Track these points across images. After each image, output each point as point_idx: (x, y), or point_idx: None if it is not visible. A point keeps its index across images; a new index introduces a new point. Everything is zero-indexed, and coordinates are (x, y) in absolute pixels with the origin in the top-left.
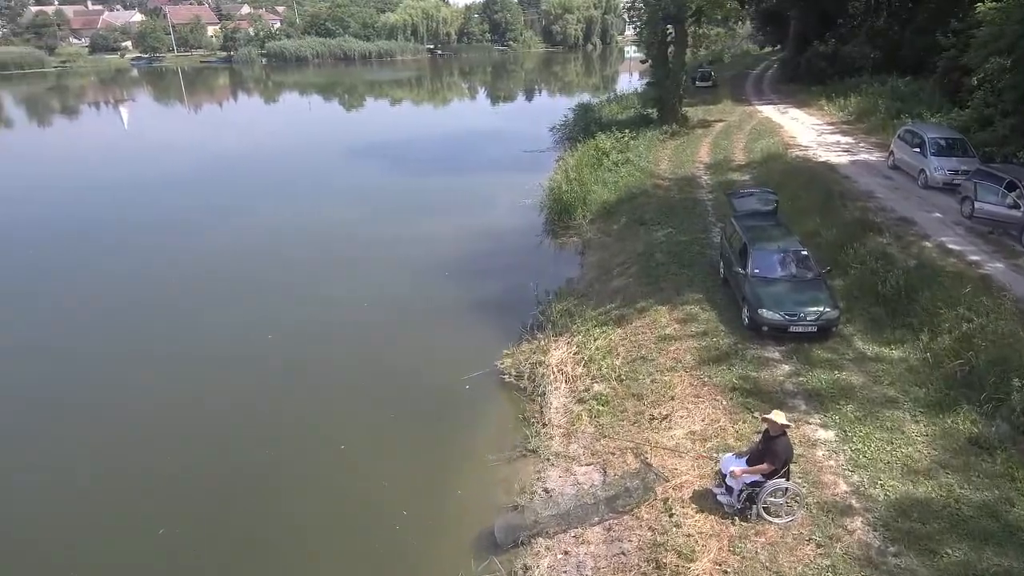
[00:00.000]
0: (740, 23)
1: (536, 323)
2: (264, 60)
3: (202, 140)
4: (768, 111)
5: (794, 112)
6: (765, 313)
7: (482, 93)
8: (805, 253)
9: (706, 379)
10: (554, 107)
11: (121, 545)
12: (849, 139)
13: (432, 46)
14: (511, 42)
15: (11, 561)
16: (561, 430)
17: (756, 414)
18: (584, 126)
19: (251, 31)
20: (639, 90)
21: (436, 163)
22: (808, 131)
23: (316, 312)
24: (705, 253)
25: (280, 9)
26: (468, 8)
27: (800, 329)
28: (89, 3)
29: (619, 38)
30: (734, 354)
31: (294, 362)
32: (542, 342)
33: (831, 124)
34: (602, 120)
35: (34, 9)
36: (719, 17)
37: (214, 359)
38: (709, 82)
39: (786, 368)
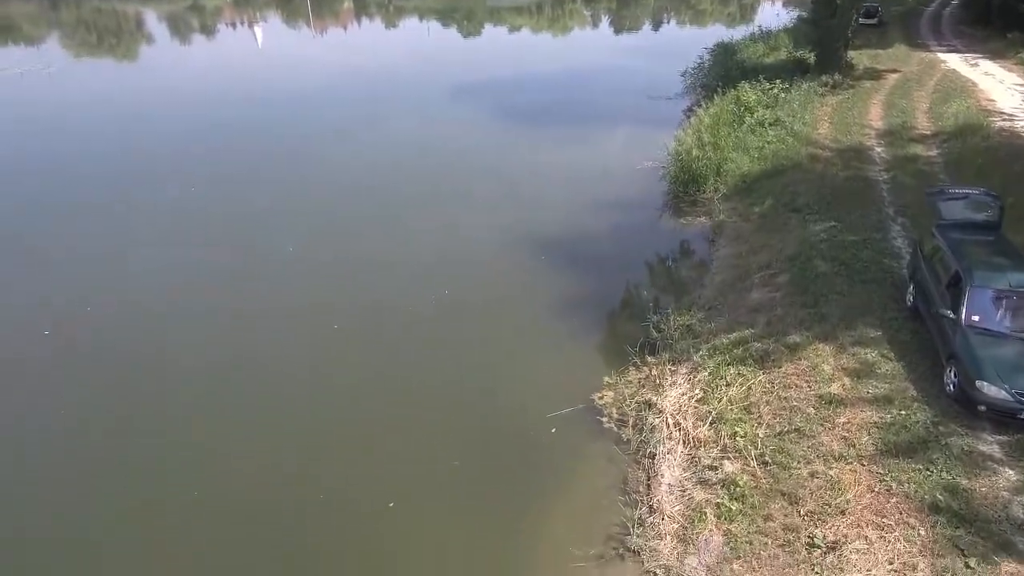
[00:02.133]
0: None
1: (648, 341)
2: None
3: (325, 62)
4: (953, 61)
5: (987, 65)
6: (985, 387)
7: (605, 22)
8: None
9: (893, 482)
10: (684, 41)
11: None
12: None
13: None
14: None
15: None
16: (675, 525)
17: (972, 565)
18: (723, 72)
19: None
20: (789, 25)
21: (548, 107)
22: (1010, 93)
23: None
24: (883, 263)
25: None
26: None
27: None
28: None
29: None
30: (933, 442)
31: (350, 368)
32: (654, 371)
33: None
34: (745, 65)
35: None
36: None
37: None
38: (874, 19)
39: (1011, 476)
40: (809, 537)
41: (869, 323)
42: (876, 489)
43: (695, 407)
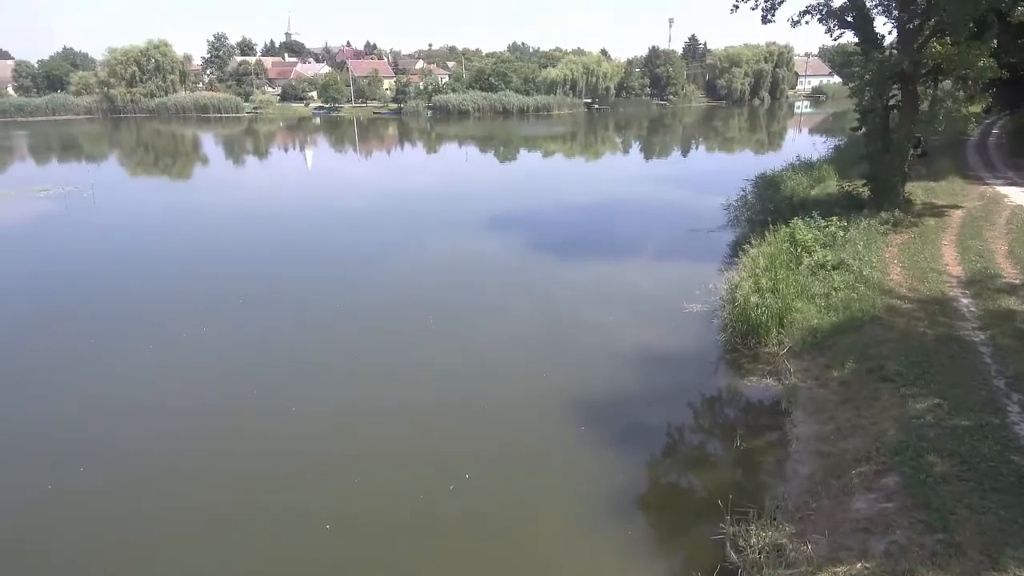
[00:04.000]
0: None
1: (727, 569)
2: (429, 112)
3: (367, 183)
4: (1017, 196)
5: None
6: None
7: (635, 147)
8: None
9: None
10: (715, 168)
11: None
12: None
13: (589, 100)
14: (671, 96)
15: None
16: None
17: None
18: (772, 207)
19: (421, 85)
20: (829, 155)
21: (583, 237)
22: None
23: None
24: (1012, 462)
25: (450, 64)
26: (630, 62)
27: None
28: (286, 56)
29: (790, 92)
30: None
31: None
32: None
33: None
34: (792, 199)
35: (238, 59)
36: (964, 77)
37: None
38: (918, 150)
39: None
40: None
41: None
42: None
43: None
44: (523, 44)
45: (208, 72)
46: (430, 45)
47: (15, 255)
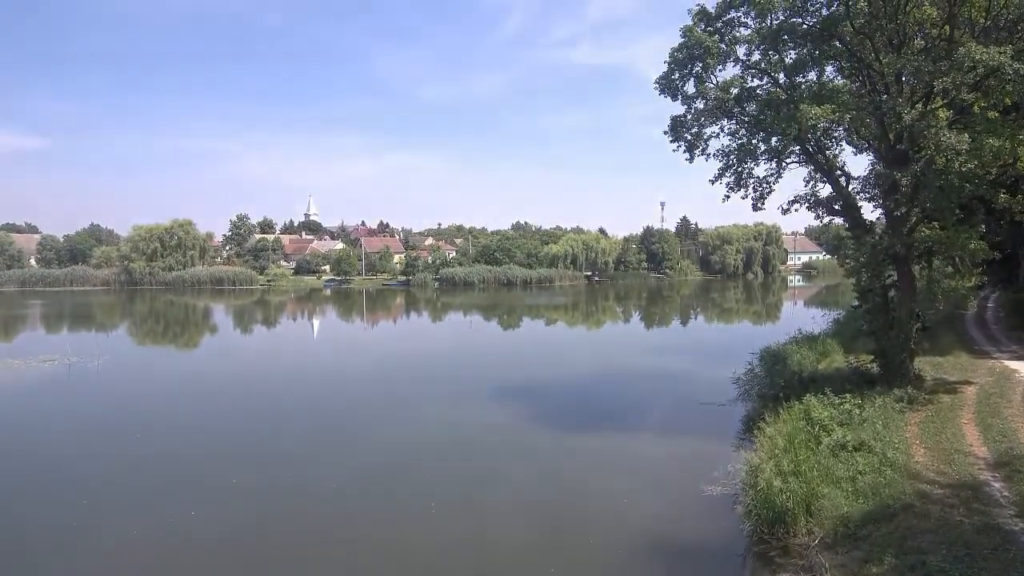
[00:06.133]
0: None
1: None
2: (436, 283)
3: (371, 349)
4: None
5: None
6: None
7: (636, 317)
8: None
9: None
10: (714, 338)
11: None
12: None
13: (589, 273)
14: (667, 270)
15: None
16: None
17: None
18: (782, 382)
19: (429, 259)
20: (834, 324)
21: (587, 407)
22: None
23: None
24: None
25: (458, 241)
26: (627, 239)
27: None
28: (303, 233)
29: (782, 267)
30: None
31: None
32: None
33: None
34: (802, 374)
35: (257, 236)
36: (956, 258)
37: None
38: (919, 323)
39: None
40: None
41: None
42: None
43: None
44: (526, 223)
45: (227, 248)
46: (439, 224)
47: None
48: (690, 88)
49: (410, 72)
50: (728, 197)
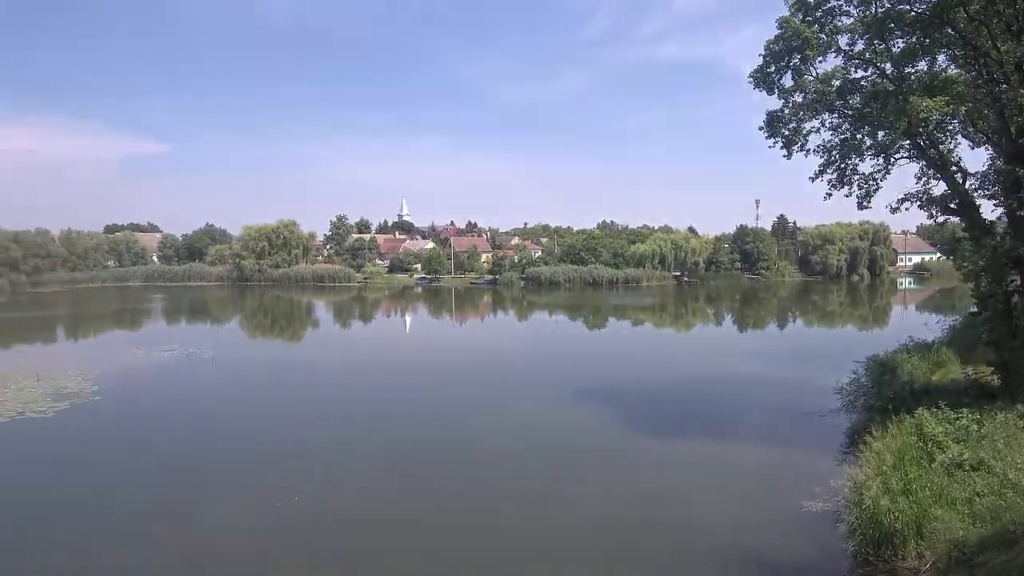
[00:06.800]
0: None
1: None
2: (522, 282)
3: (459, 345)
4: None
5: None
6: None
7: (728, 319)
8: None
9: None
10: (815, 344)
11: None
12: None
13: (678, 273)
14: (763, 270)
15: None
16: None
17: None
18: (890, 395)
19: (515, 258)
20: (950, 331)
21: (677, 412)
22: None
23: None
24: None
25: (543, 240)
26: (718, 239)
27: None
28: (396, 233)
29: (890, 269)
30: None
31: None
32: None
33: None
34: (914, 385)
35: (355, 236)
36: None
37: None
38: None
39: None
40: None
41: None
42: None
43: None
44: (612, 222)
45: (328, 247)
46: (525, 223)
47: (124, 413)
48: (787, 81)
49: (495, 73)
50: (830, 195)
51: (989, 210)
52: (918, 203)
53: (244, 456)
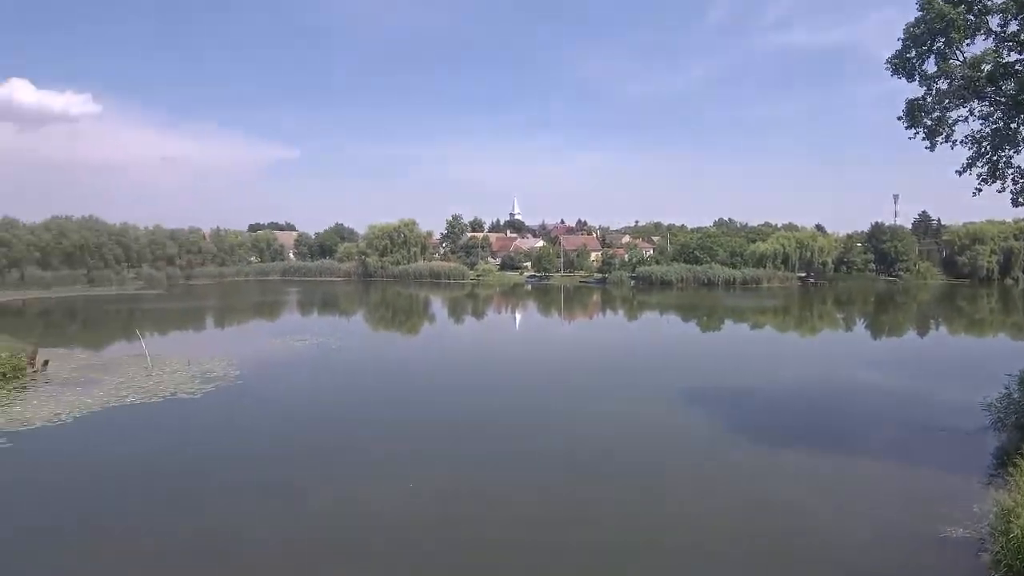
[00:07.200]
0: None
1: None
2: (632, 282)
3: (568, 342)
4: None
5: None
6: None
7: (860, 325)
8: None
9: None
10: (965, 353)
11: None
12: None
13: (803, 274)
14: (901, 272)
15: None
16: None
17: None
18: None
19: (626, 257)
20: None
21: (797, 424)
22: None
23: None
24: None
25: (655, 239)
26: (849, 237)
27: None
28: (508, 232)
29: None
30: None
31: None
32: None
33: None
34: None
35: (469, 235)
36: None
37: None
38: None
39: None
40: None
41: None
42: None
43: None
44: (730, 219)
45: (443, 245)
46: (636, 221)
47: (261, 395)
48: (930, 67)
49: (611, 70)
50: (979, 190)
51: None
52: None
53: (368, 437)
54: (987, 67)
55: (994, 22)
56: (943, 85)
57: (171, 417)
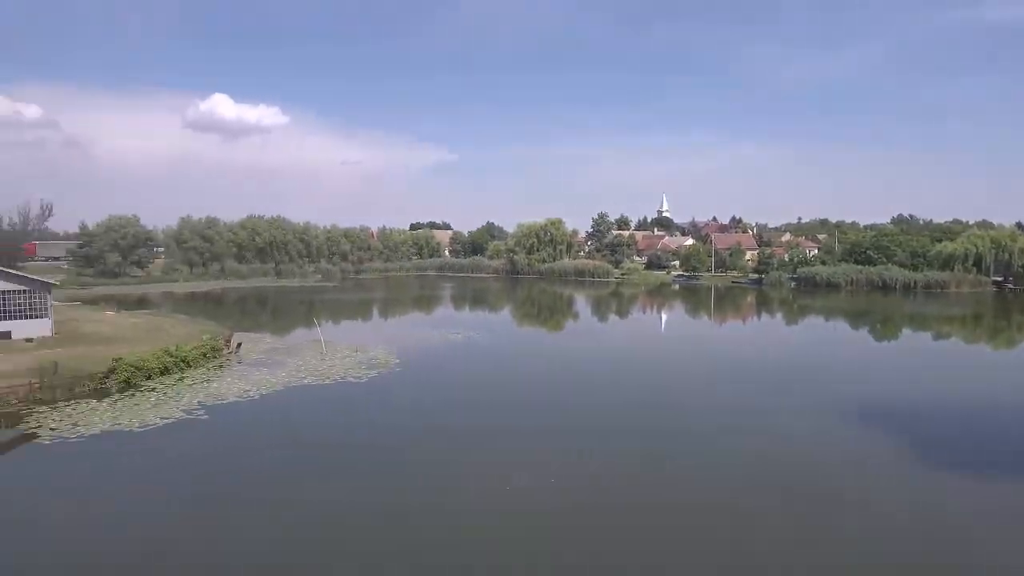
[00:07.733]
0: None
1: None
2: (792, 283)
3: (719, 347)
4: None
5: None
6: None
7: None
8: None
9: None
10: None
11: None
12: None
13: (1000, 278)
14: None
15: None
16: None
17: None
18: None
19: (786, 257)
20: None
21: (978, 446)
22: None
23: None
24: None
25: (820, 237)
26: None
27: None
28: (655, 230)
29: None
30: None
31: None
32: None
33: None
34: None
35: (615, 233)
36: None
37: None
38: None
39: None
40: None
41: None
42: None
43: None
44: (910, 216)
45: (589, 243)
46: (799, 219)
47: (418, 382)
48: None
49: (769, 55)
50: None
51: None
52: None
53: (516, 425)
54: None
55: None
56: None
57: (340, 399)
